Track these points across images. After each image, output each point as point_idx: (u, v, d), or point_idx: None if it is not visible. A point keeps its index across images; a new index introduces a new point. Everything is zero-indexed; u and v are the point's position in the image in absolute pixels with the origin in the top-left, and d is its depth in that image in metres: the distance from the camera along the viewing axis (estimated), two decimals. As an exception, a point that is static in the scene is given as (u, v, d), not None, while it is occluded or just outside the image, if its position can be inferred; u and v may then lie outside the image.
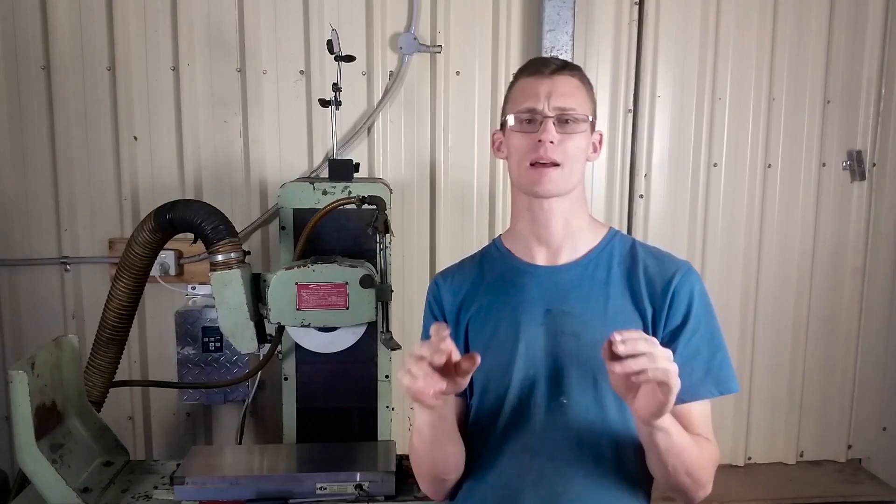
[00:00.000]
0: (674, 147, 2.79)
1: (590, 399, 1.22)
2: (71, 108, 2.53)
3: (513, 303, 1.29)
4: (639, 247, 1.32)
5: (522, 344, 1.25)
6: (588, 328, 1.23)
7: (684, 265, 1.28)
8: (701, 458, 1.16)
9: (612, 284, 1.27)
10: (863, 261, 2.93)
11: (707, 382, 1.22)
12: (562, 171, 1.23)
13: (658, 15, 2.70)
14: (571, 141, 1.23)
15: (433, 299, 1.39)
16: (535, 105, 1.24)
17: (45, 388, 1.65)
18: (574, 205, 1.29)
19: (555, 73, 1.26)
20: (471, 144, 2.69)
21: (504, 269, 1.34)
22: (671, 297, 1.24)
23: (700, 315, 1.24)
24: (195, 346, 2.40)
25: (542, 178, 1.23)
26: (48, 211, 2.57)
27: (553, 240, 1.30)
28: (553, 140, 1.21)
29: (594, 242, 1.31)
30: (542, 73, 1.26)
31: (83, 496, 1.64)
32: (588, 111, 1.27)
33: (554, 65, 1.27)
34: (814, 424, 3.00)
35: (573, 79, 1.27)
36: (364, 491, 1.70)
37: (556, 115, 1.23)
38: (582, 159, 1.27)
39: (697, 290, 1.25)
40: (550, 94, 1.23)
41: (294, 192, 2.02)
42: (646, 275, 1.26)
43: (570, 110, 1.23)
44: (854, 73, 2.81)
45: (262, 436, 2.68)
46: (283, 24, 2.57)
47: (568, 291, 1.27)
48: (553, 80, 1.25)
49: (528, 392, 1.24)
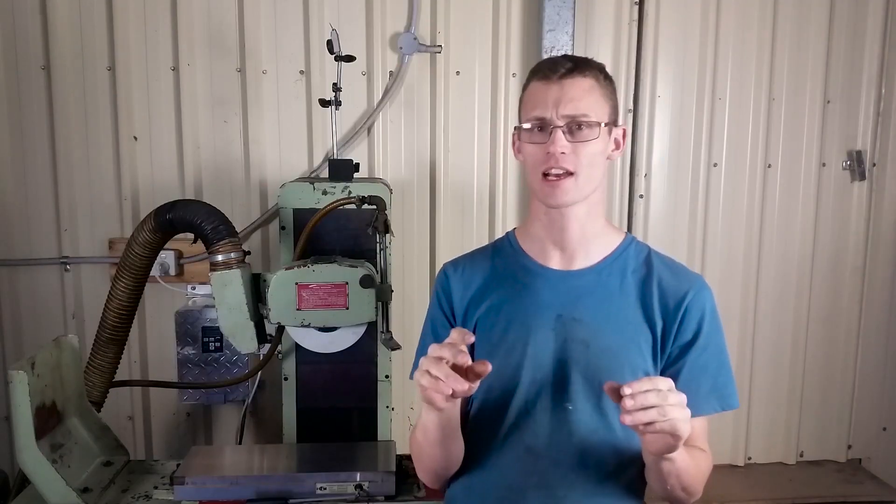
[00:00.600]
0: (674, 147, 2.79)
1: (594, 407, 1.22)
2: (71, 108, 2.53)
3: (524, 305, 1.27)
4: (654, 257, 1.30)
5: (531, 347, 1.24)
6: (597, 337, 1.22)
7: (698, 281, 1.27)
8: (698, 473, 1.18)
9: (625, 294, 1.25)
10: (863, 261, 2.93)
11: (711, 399, 1.24)
12: (576, 180, 1.19)
13: (658, 15, 2.70)
14: (585, 148, 1.18)
15: (441, 290, 1.36)
16: (544, 114, 1.18)
17: (45, 388, 1.65)
18: (592, 209, 1.26)
19: (564, 77, 1.19)
20: (471, 144, 2.69)
21: (517, 268, 1.32)
22: (683, 313, 1.23)
23: (710, 333, 1.24)
24: (195, 346, 2.40)
25: (555, 191, 1.19)
26: (48, 211, 2.57)
27: (568, 245, 1.28)
28: (564, 150, 1.17)
29: (609, 249, 1.29)
30: (551, 79, 1.19)
31: (83, 496, 1.64)
32: (603, 114, 1.20)
33: (563, 67, 1.19)
34: (814, 424, 3.00)
35: (585, 80, 1.20)
36: (364, 491, 1.70)
37: (565, 123, 1.17)
38: (599, 164, 1.22)
39: (709, 308, 1.25)
40: (559, 100, 1.17)
41: (294, 192, 2.02)
42: (659, 287, 1.25)
43: (581, 117, 1.17)
44: (854, 73, 2.81)
45: (262, 436, 2.68)
46: (283, 24, 2.57)
47: (580, 298, 1.25)
48: (562, 85, 1.18)
49: (534, 396, 1.23)
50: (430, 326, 1.36)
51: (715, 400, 1.24)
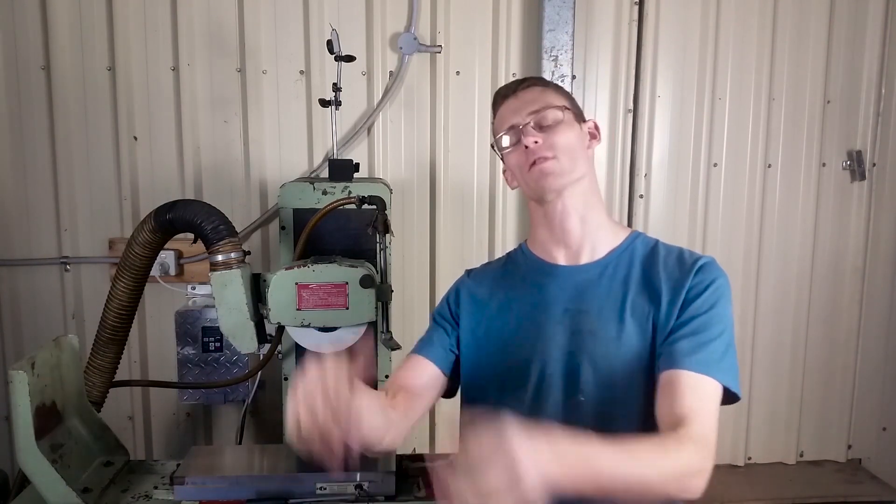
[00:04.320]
0: (674, 147, 2.79)
1: (604, 397, 1.22)
2: (71, 108, 2.53)
3: (533, 301, 1.31)
4: (661, 246, 1.32)
5: (541, 343, 1.27)
6: (604, 325, 1.24)
7: (709, 258, 1.27)
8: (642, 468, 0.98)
9: (631, 282, 1.27)
10: (863, 261, 2.93)
11: (691, 358, 1.13)
12: (558, 161, 1.26)
13: (658, 15, 2.70)
14: (556, 135, 1.27)
15: (455, 292, 1.43)
16: (512, 121, 1.31)
17: (45, 388, 1.65)
18: (588, 198, 1.31)
19: (520, 89, 1.35)
20: (471, 144, 2.69)
21: (527, 269, 1.38)
22: (690, 281, 1.22)
23: (710, 301, 1.20)
24: (195, 346, 2.40)
25: (541, 174, 1.26)
26: (48, 211, 2.57)
27: (572, 240, 1.31)
28: (537, 139, 1.26)
29: (615, 243, 1.32)
30: (508, 96, 1.36)
31: (83, 496, 1.64)
32: (560, 103, 1.31)
33: (518, 85, 1.37)
34: (814, 424, 3.00)
35: (536, 87, 1.35)
36: (364, 491, 1.70)
37: (531, 119, 1.28)
38: (578, 148, 1.29)
39: (716, 282, 1.22)
40: (521, 106, 1.31)
41: (294, 192, 2.02)
42: (666, 268, 1.26)
43: (542, 108, 1.29)
44: (854, 73, 2.81)
45: (262, 436, 2.68)
46: (283, 24, 2.57)
47: (586, 290, 1.28)
48: (518, 96, 1.34)
49: (546, 390, 1.25)
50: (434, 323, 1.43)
51: (696, 363, 1.12)
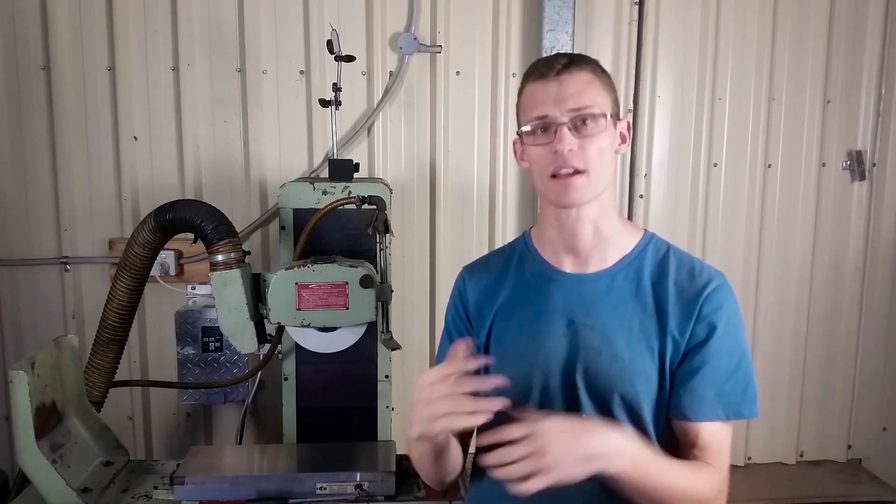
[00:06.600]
0: (674, 147, 2.78)
1: (606, 415, 1.18)
2: (71, 108, 2.53)
3: (536, 310, 1.24)
4: (672, 256, 1.25)
5: (543, 355, 1.21)
6: (610, 345, 1.19)
7: (717, 279, 1.21)
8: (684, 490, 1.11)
9: (640, 299, 1.21)
10: (863, 261, 2.93)
11: (716, 406, 1.16)
12: (588, 177, 1.15)
13: (658, 15, 2.69)
14: (592, 144, 1.14)
15: (458, 294, 1.35)
16: (546, 111, 1.15)
17: (45, 388, 1.65)
18: (604, 209, 1.23)
19: (562, 72, 1.15)
20: (471, 144, 2.69)
21: (530, 272, 1.29)
22: (697, 313, 1.17)
23: (724, 335, 1.18)
24: (195, 346, 2.40)
25: (566, 189, 1.15)
26: (48, 211, 2.57)
27: (582, 248, 1.24)
28: (572, 147, 1.13)
29: (626, 250, 1.25)
30: (548, 76, 1.16)
31: (83, 496, 1.64)
32: (606, 105, 1.17)
33: (559, 63, 1.16)
34: (814, 424, 2.99)
35: (583, 73, 1.16)
36: (364, 491, 1.70)
37: (570, 118, 1.14)
38: (608, 159, 1.18)
39: (726, 309, 1.18)
40: (561, 96, 1.14)
41: (294, 192, 2.02)
42: (676, 288, 1.20)
43: (585, 110, 1.14)
44: (854, 73, 2.81)
45: (262, 436, 2.68)
46: (283, 24, 2.57)
47: (593, 304, 1.22)
48: (560, 81, 1.15)
49: (546, 405, 1.20)
50: (446, 332, 1.36)
51: (720, 407, 1.16)
